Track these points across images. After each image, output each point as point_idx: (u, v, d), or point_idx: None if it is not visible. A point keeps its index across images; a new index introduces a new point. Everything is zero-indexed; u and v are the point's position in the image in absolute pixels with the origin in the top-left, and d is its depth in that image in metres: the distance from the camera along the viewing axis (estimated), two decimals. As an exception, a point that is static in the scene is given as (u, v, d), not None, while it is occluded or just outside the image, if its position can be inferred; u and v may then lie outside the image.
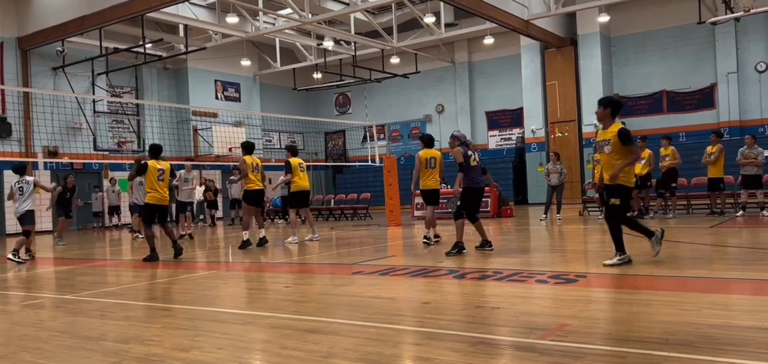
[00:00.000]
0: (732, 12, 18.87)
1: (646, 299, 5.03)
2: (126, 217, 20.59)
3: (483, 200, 17.91)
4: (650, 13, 22.99)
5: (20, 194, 10.51)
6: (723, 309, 4.61)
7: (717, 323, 4.08)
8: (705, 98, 22.78)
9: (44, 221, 21.15)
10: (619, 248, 6.70)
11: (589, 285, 5.90)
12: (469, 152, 8.72)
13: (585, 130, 23.64)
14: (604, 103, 6.84)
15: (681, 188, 15.33)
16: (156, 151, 9.83)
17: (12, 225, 18.56)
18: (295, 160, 12.01)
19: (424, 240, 10.13)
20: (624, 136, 6.60)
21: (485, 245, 8.70)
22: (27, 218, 10.41)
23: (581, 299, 5.22)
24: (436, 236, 10.47)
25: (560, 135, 24.06)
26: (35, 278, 8.33)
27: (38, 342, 4.54)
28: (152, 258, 9.41)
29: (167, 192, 9.82)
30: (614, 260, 6.64)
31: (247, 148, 11.52)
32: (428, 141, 10.43)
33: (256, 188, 11.24)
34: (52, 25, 20.00)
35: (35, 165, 20.26)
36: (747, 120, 21.68)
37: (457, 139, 8.86)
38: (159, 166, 9.58)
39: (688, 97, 23.06)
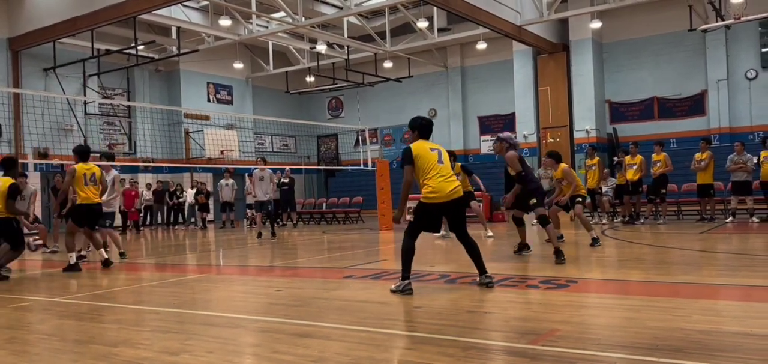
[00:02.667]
0: (722, 20, 19.02)
1: (637, 305, 5.05)
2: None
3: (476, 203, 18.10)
4: (642, 20, 23.13)
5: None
6: (713, 315, 4.63)
7: (707, 328, 4.10)
8: (695, 105, 22.93)
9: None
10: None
11: (580, 290, 5.91)
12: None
13: (577, 135, 23.74)
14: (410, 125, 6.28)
15: (671, 195, 15.42)
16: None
17: None
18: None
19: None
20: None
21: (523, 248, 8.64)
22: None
23: (572, 304, 5.23)
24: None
25: (552, 140, 24.14)
26: (24, 281, 8.26)
27: (26, 345, 4.50)
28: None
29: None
30: None
31: (81, 154, 9.29)
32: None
33: (91, 202, 9.05)
34: (43, 26, 19.89)
35: (25, 166, 20.08)
36: (737, 127, 21.84)
37: (505, 142, 7.96)
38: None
39: (678, 103, 23.21)
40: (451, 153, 10.31)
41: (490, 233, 12.12)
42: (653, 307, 4.91)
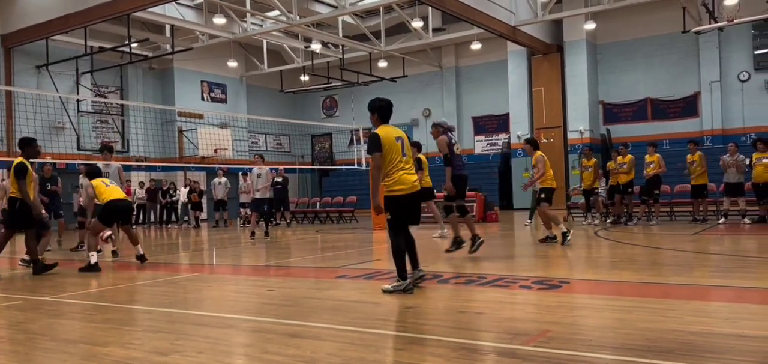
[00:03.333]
0: (716, 22, 19.11)
1: (629, 306, 5.06)
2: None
3: (468, 204, 18.14)
4: (636, 22, 23.21)
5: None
6: (704, 316, 4.64)
7: (698, 330, 4.10)
8: (688, 106, 23.03)
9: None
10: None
11: (572, 291, 5.92)
12: (454, 140, 8.31)
13: (570, 136, 23.80)
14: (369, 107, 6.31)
15: (664, 195, 15.46)
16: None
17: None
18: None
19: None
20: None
21: (475, 241, 8.33)
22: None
23: (564, 305, 5.23)
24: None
25: (546, 141, 24.19)
26: (13, 279, 8.21)
27: (15, 344, 4.47)
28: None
29: (32, 192, 8.63)
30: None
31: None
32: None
33: (118, 198, 8.97)
34: (36, 23, 19.79)
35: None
36: (730, 129, 21.95)
37: (441, 127, 8.33)
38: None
39: (672, 105, 23.30)
40: (415, 144, 10.36)
41: (439, 233, 12.05)
42: (645, 308, 4.91)
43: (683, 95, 23.07)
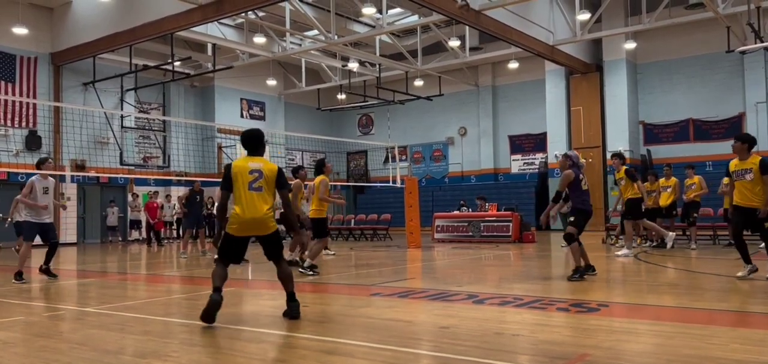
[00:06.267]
0: (762, 41, 18.62)
1: (670, 331, 4.92)
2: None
3: (504, 224, 17.99)
4: (677, 42, 22.78)
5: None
6: (751, 344, 4.48)
7: (744, 358, 3.96)
8: (733, 127, 22.40)
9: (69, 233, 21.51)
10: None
11: (611, 314, 5.79)
12: (581, 175, 8.32)
13: (609, 157, 23.38)
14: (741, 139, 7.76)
15: (707, 218, 15.04)
16: (319, 168, 9.88)
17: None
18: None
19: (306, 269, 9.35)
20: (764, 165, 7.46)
21: (588, 269, 8.22)
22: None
23: (603, 328, 5.12)
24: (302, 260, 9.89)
25: (584, 161, 23.83)
26: (58, 290, 8.44)
27: (57, 353, 4.58)
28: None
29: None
30: (745, 272, 7.74)
31: (319, 167, 10.08)
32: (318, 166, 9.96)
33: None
34: (84, 42, 20.49)
35: (62, 178, 20.62)
36: (776, 151, 21.27)
37: (570, 159, 8.31)
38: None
39: (715, 125, 22.72)
40: (321, 163, 10.00)
41: (301, 262, 10.12)
42: (687, 334, 4.77)
43: (727, 116, 22.48)
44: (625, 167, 12.31)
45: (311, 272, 9.31)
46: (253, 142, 5.82)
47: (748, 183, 7.62)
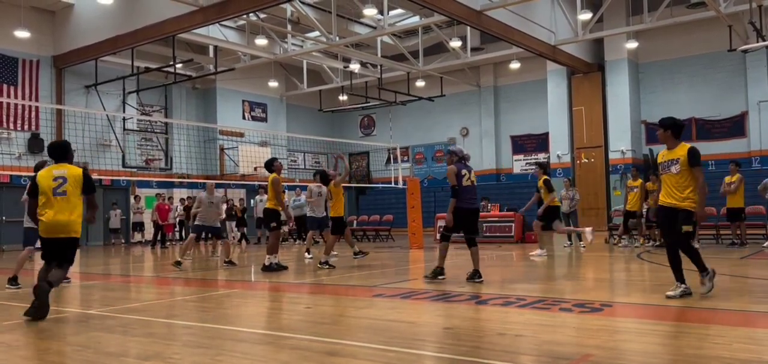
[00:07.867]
0: (764, 40, 18.59)
1: (673, 331, 4.91)
2: (149, 233, 20.89)
3: (506, 224, 17.96)
4: (679, 41, 22.75)
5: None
6: (754, 344, 4.48)
7: (748, 358, 3.96)
8: (735, 126, 22.39)
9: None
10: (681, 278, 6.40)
11: (614, 314, 5.78)
12: (463, 171, 8.14)
13: (612, 156, 23.37)
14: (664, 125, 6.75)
15: (711, 218, 15.03)
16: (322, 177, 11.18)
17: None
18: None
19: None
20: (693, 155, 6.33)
21: (475, 276, 7.98)
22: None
23: (606, 328, 5.11)
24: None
25: (586, 161, 23.83)
26: (61, 293, 8.45)
27: (61, 356, 4.59)
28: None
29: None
30: (677, 292, 6.27)
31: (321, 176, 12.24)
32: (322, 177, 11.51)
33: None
34: (86, 45, 20.52)
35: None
36: (779, 150, 21.23)
37: (455, 155, 8.23)
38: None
39: (717, 125, 22.69)
40: (270, 162, 11.01)
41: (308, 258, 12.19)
42: (691, 334, 4.77)
43: (729, 115, 22.44)
44: (545, 177, 13.08)
45: (327, 266, 10.39)
46: (59, 151, 6.25)
47: (672, 177, 6.49)
